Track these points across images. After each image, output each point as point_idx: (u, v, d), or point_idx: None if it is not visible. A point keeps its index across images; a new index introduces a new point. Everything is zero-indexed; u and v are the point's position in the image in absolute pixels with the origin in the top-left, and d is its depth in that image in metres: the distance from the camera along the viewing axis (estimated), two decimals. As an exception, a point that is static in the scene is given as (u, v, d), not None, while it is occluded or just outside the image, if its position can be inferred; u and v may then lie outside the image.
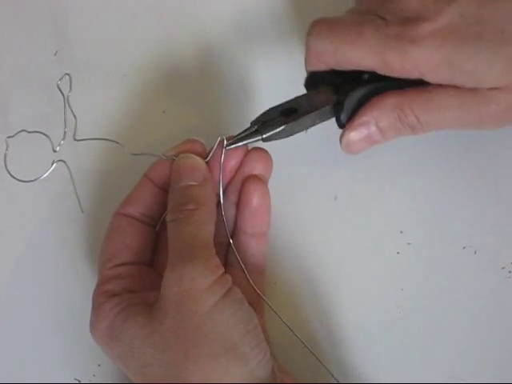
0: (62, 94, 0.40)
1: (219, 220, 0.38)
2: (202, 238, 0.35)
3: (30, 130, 0.39)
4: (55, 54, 0.47)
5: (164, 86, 0.47)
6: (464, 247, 0.43)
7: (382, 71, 0.36)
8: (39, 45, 0.48)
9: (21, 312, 0.43)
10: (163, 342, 0.33)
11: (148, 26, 0.48)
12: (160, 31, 0.48)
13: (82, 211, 0.42)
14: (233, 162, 0.39)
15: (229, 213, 0.39)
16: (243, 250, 0.39)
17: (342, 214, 0.44)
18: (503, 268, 0.42)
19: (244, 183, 0.39)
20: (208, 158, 0.38)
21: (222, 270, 0.35)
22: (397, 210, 0.44)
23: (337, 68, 0.38)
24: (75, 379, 0.41)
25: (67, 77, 0.40)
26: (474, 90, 0.35)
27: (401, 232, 0.43)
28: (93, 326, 0.36)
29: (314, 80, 0.39)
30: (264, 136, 0.37)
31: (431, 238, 0.43)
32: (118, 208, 0.39)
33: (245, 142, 0.38)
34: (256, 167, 0.39)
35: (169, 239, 0.36)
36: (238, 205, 0.39)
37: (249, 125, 0.38)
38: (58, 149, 0.39)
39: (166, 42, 0.48)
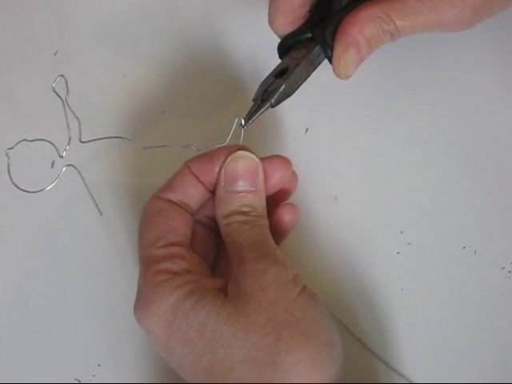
0: (60, 98, 0.39)
1: None
2: (271, 240, 0.37)
3: (30, 139, 0.39)
4: (55, 54, 0.47)
5: (164, 85, 0.47)
6: (464, 247, 0.43)
7: None
8: (39, 45, 0.48)
9: (20, 313, 0.43)
10: (249, 323, 0.33)
11: (147, 26, 0.48)
12: (160, 31, 0.48)
13: (101, 214, 0.42)
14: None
15: None
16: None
17: (341, 213, 0.44)
18: (503, 268, 0.42)
19: (277, 210, 0.39)
20: (227, 141, 0.38)
21: (296, 270, 0.36)
22: (397, 210, 0.44)
23: None
24: (75, 379, 0.41)
25: (63, 79, 0.39)
26: None
27: (401, 232, 0.43)
28: (149, 305, 0.35)
29: (285, 47, 0.40)
30: (272, 101, 0.38)
31: (431, 237, 0.43)
32: (157, 193, 0.38)
33: (258, 114, 0.38)
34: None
35: (232, 237, 0.36)
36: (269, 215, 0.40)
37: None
38: (64, 154, 0.39)
39: (166, 42, 0.48)
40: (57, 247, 0.44)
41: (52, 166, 0.44)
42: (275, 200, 0.39)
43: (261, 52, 0.43)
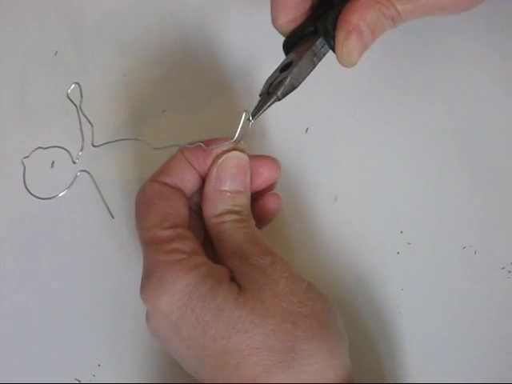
0: (75, 105, 0.39)
1: None
2: (264, 239, 0.37)
3: (45, 147, 0.38)
4: (55, 54, 0.47)
5: (164, 85, 0.47)
6: (464, 247, 0.43)
7: None
8: (39, 45, 0.48)
9: (20, 312, 0.43)
10: (264, 310, 0.34)
11: (147, 26, 0.48)
12: (159, 31, 0.48)
13: (113, 217, 0.42)
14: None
15: None
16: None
17: (341, 213, 0.44)
18: (503, 268, 0.42)
19: (262, 200, 0.39)
20: (236, 137, 0.38)
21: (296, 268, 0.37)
22: (397, 210, 0.44)
23: None
24: (75, 379, 0.41)
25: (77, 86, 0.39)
26: None
27: (401, 232, 0.43)
28: (162, 283, 0.34)
29: (290, 44, 0.40)
30: (278, 93, 0.38)
31: (431, 237, 0.43)
32: (154, 176, 0.38)
33: (265, 108, 0.38)
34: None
35: (227, 234, 0.37)
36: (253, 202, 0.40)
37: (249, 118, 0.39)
38: (77, 160, 0.39)
39: (166, 41, 0.48)
40: (63, 249, 0.44)
41: (52, 166, 0.44)
42: (258, 193, 0.40)
43: (260, 49, 0.43)
